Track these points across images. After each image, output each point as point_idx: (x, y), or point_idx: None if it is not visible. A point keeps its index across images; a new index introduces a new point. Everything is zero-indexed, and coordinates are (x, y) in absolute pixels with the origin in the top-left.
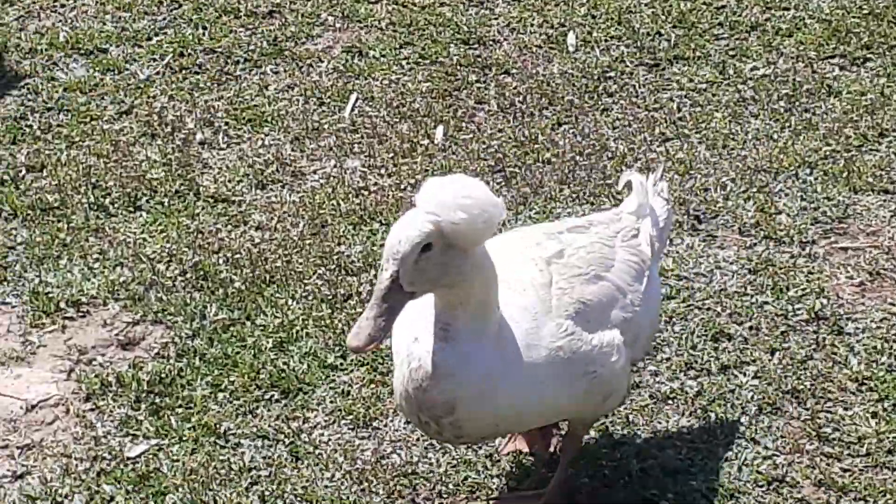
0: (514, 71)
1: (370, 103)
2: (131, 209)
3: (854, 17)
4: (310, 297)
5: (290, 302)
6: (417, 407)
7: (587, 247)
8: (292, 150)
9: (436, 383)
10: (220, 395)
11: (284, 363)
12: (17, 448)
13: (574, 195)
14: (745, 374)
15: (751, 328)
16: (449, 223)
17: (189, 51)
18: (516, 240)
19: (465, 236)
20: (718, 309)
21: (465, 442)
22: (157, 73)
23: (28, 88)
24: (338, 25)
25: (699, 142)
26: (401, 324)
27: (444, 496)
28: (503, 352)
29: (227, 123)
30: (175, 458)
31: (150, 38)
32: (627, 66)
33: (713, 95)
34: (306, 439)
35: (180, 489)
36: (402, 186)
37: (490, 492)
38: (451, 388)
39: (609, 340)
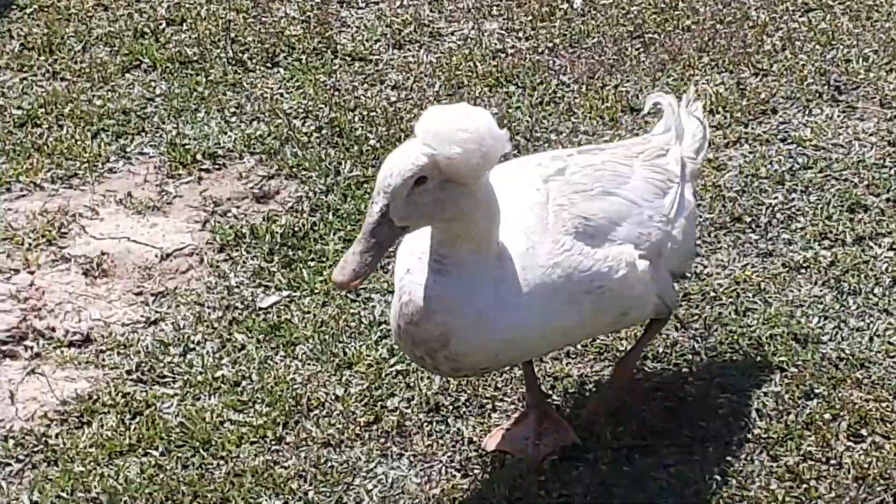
0: None
1: None
2: (269, 65)
3: None
4: None
5: None
6: (412, 342)
7: (596, 165)
8: (430, 10)
9: (428, 316)
10: None
11: None
12: (152, 295)
13: (713, 63)
14: (880, 246)
15: (888, 200)
16: (444, 157)
17: None
18: (516, 165)
19: (461, 170)
20: (856, 180)
21: (464, 375)
22: None
23: None
24: None
25: (842, 13)
26: (399, 256)
27: (573, 357)
28: (500, 280)
29: None
30: (306, 310)
31: None
32: None
33: None
34: None
35: (310, 340)
36: (540, 50)
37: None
38: (445, 321)
39: (615, 255)
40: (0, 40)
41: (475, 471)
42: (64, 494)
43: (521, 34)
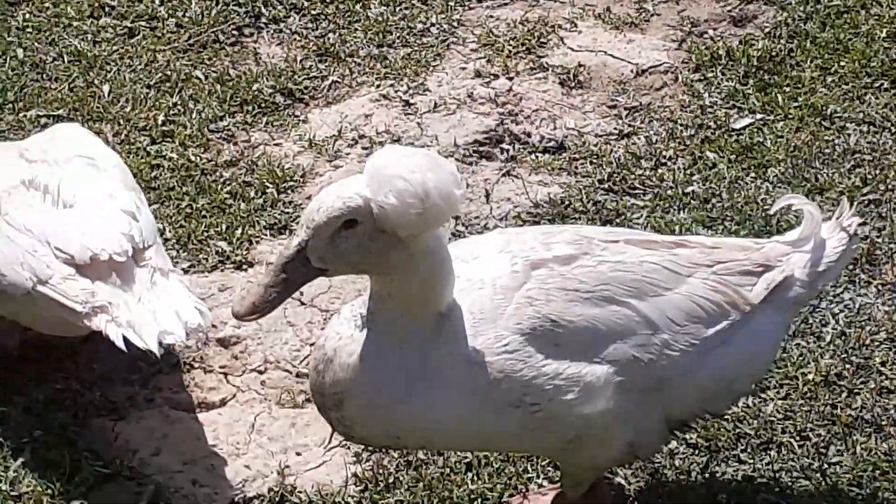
0: None
1: None
2: None
3: None
4: None
5: None
6: (312, 389)
7: (627, 264)
8: None
9: (330, 370)
10: (829, 79)
11: None
12: (625, 109)
13: None
14: None
15: None
16: (377, 204)
17: None
18: (522, 232)
19: (394, 223)
20: None
21: (362, 444)
22: None
23: None
24: None
25: None
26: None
27: None
28: (420, 355)
29: None
30: (779, 134)
31: None
32: None
33: None
34: None
35: (782, 164)
36: None
37: None
38: (344, 381)
39: (575, 373)
40: None
41: None
42: None
43: None
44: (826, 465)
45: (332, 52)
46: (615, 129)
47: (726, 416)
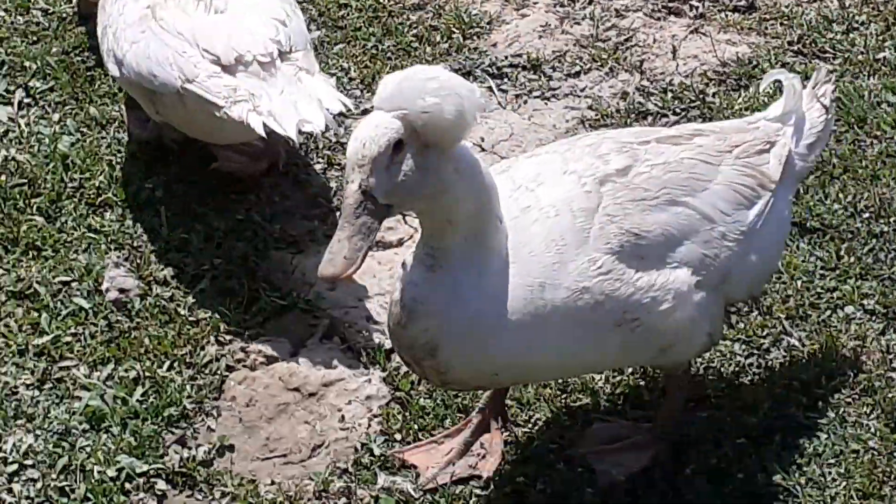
0: None
1: None
2: None
3: None
4: None
5: None
6: (398, 345)
7: (672, 163)
8: None
9: (415, 320)
10: None
11: None
12: None
13: None
14: None
15: None
16: (417, 112)
17: None
18: (569, 148)
19: (438, 128)
20: None
21: (457, 389)
22: None
23: None
24: None
25: None
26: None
27: None
28: (506, 286)
29: None
30: None
31: None
32: None
33: None
34: None
35: None
36: None
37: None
38: (433, 327)
39: (664, 282)
40: None
41: None
42: None
43: None
44: None
45: None
46: None
47: None
